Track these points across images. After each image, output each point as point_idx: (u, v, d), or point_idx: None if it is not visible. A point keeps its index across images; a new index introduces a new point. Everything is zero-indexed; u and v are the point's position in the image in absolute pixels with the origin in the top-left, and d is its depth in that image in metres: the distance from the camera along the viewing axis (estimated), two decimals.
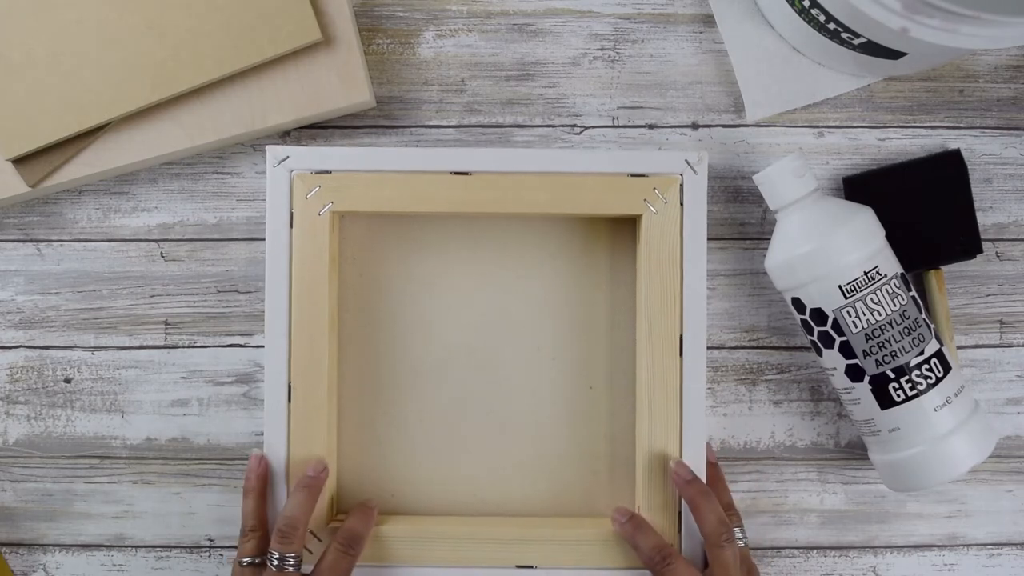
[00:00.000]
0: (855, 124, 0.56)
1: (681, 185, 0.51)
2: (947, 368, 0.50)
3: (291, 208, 0.51)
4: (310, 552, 0.51)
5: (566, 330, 0.55)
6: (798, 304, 0.51)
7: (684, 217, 0.51)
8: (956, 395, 0.49)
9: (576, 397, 0.55)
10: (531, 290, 0.55)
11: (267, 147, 0.51)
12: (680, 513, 0.51)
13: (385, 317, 0.55)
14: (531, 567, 0.51)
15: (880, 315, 0.48)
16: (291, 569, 0.47)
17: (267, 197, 0.51)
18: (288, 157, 0.51)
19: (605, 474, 0.55)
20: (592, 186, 0.51)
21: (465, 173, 0.51)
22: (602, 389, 0.55)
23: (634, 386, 0.54)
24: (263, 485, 0.51)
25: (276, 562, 0.47)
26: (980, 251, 0.54)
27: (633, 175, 0.51)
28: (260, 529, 0.50)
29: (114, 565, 0.57)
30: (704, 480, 0.51)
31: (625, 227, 0.55)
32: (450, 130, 0.56)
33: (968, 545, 0.57)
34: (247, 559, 0.48)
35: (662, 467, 0.51)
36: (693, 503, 0.49)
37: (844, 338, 0.49)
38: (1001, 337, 0.57)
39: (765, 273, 0.56)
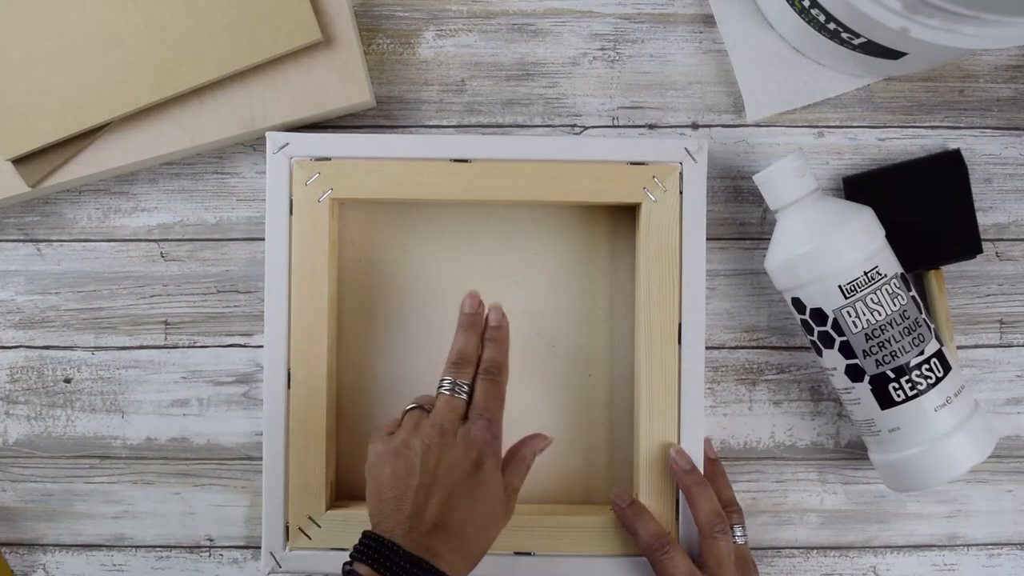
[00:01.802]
0: (855, 124, 0.56)
1: (681, 173, 0.51)
2: (947, 368, 0.49)
3: (291, 195, 0.51)
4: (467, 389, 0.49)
5: (565, 318, 0.55)
6: (798, 304, 0.51)
7: (683, 206, 0.51)
8: (956, 395, 0.49)
9: (575, 385, 0.55)
10: (530, 278, 0.55)
11: (267, 133, 0.52)
12: (678, 501, 0.51)
13: (384, 304, 0.55)
14: (529, 554, 0.51)
15: (880, 315, 0.48)
16: (462, 395, 0.48)
17: (267, 184, 0.51)
18: (288, 144, 0.51)
19: (603, 462, 0.55)
20: (592, 174, 0.51)
21: (465, 160, 0.51)
22: (601, 377, 0.55)
23: (633, 374, 0.54)
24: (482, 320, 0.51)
25: (448, 386, 0.48)
26: (980, 251, 0.54)
27: (633, 163, 0.51)
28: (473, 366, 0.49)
29: (114, 565, 0.57)
30: (702, 472, 0.51)
31: (625, 215, 0.55)
32: (450, 130, 0.56)
33: (968, 545, 0.57)
34: (414, 405, 0.48)
35: (660, 455, 0.51)
36: (689, 493, 0.50)
37: (844, 338, 0.49)
38: (1001, 337, 0.57)
39: (765, 273, 0.56)
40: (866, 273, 0.48)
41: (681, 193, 0.51)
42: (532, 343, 0.55)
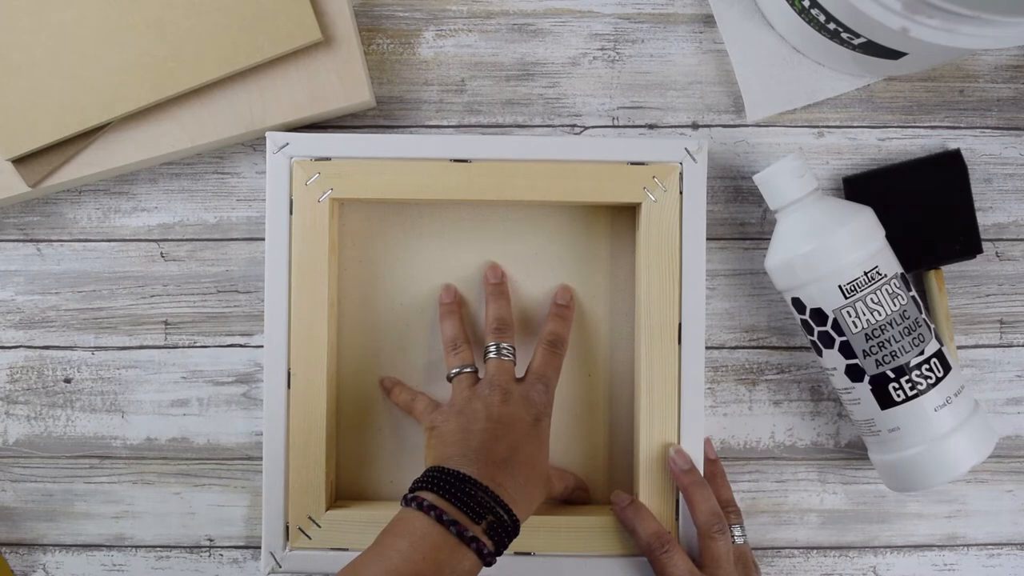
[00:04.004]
0: (855, 124, 0.56)
1: (681, 174, 0.51)
2: (947, 368, 0.50)
3: (291, 195, 0.51)
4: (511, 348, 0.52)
5: None
6: (798, 304, 0.51)
7: (683, 205, 0.51)
8: (956, 395, 0.49)
9: (575, 384, 0.55)
10: (530, 278, 0.55)
11: (267, 133, 0.52)
12: (678, 501, 0.51)
13: (385, 304, 0.55)
14: (529, 554, 0.51)
15: (880, 315, 0.48)
16: (509, 356, 0.51)
17: (267, 184, 0.51)
18: (288, 144, 0.51)
19: (603, 462, 0.55)
20: (592, 174, 0.51)
21: (465, 160, 0.51)
22: (601, 376, 0.55)
23: (633, 374, 0.54)
24: (460, 306, 0.54)
25: (494, 350, 0.51)
26: (980, 251, 0.54)
27: (633, 163, 0.51)
28: (466, 343, 0.52)
29: (114, 565, 0.57)
30: (701, 472, 0.51)
31: (625, 215, 0.55)
32: (450, 130, 0.56)
33: (968, 545, 0.57)
34: (457, 368, 0.51)
35: (661, 455, 0.51)
36: (687, 492, 0.50)
37: (844, 338, 0.49)
38: (1001, 337, 0.57)
39: (765, 273, 0.56)
40: (866, 273, 0.48)
41: (681, 193, 0.51)
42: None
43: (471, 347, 0.53)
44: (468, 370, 0.51)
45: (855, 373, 0.50)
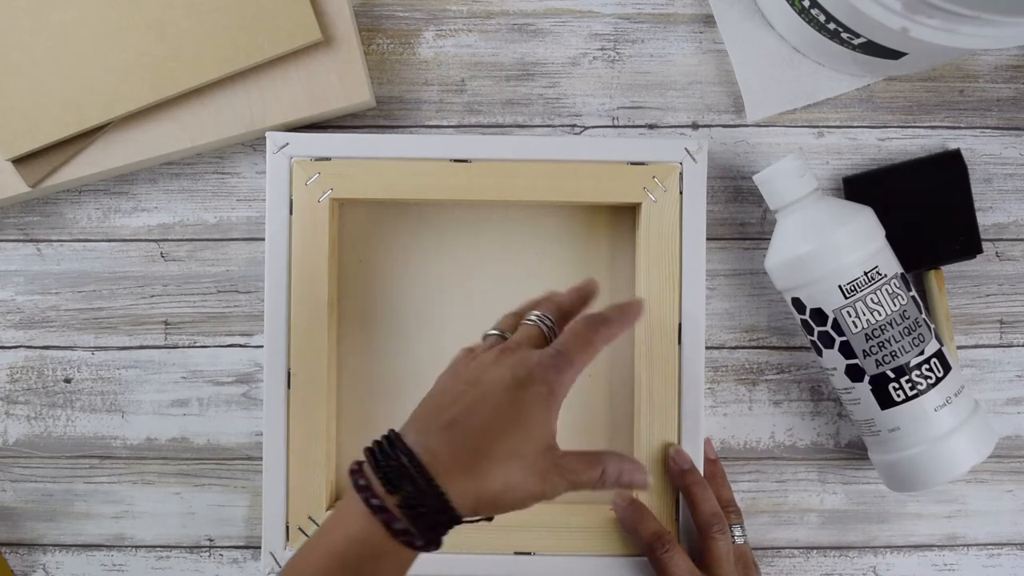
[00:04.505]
0: (855, 124, 0.56)
1: (681, 174, 0.51)
2: (947, 368, 0.49)
3: (291, 195, 0.51)
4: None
5: None
6: (798, 304, 0.51)
7: (683, 206, 0.51)
8: (956, 395, 0.49)
9: (575, 385, 0.55)
10: (531, 278, 0.55)
11: (267, 133, 0.52)
12: (678, 501, 0.51)
13: (384, 304, 0.55)
14: (529, 554, 0.51)
15: (880, 315, 0.48)
16: (543, 326, 0.43)
17: (267, 184, 0.51)
18: (288, 144, 0.51)
19: None
20: (592, 174, 0.51)
21: (465, 160, 0.51)
22: (601, 377, 0.55)
23: (633, 374, 0.54)
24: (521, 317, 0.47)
25: (533, 318, 0.44)
26: (980, 251, 0.54)
27: (633, 163, 0.51)
28: (515, 316, 0.46)
29: (114, 565, 0.57)
30: (701, 472, 0.51)
31: (625, 215, 0.55)
32: (450, 130, 0.56)
33: (968, 545, 0.57)
34: (490, 331, 0.45)
35: (661, 456, 0.51)
36: (688, 492, 0.50)
37: (844, 338, 0.49)
38: (1001, 337, 0.57)
39: (765, 273, 0.56)
40: (866, 273, 0.48)
41: (681, 193, 0.51)
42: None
43: (516, 322, 0.46)
44: (495, 332, 0.45)
45: (855, 373, 0.50)
